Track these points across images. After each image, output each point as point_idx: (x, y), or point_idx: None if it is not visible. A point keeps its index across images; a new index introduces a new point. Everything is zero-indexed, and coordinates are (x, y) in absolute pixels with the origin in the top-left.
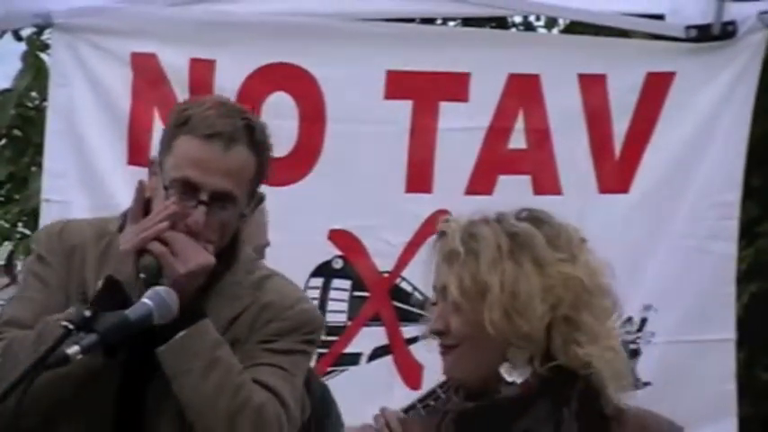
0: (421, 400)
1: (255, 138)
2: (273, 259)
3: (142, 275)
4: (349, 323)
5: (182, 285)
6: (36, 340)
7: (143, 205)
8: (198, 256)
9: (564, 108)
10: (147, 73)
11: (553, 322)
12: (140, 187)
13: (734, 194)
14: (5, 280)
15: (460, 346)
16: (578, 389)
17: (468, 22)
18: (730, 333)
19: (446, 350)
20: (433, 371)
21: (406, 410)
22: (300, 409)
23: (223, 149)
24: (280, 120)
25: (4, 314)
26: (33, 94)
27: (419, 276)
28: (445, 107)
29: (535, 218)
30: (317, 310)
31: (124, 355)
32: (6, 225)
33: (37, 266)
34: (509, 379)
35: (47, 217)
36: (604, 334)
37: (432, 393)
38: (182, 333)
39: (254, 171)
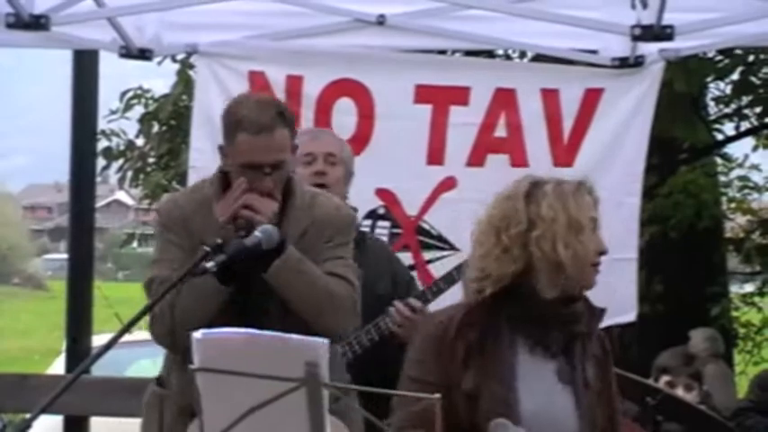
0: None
1: (286, 117)
2: None
3: (241, 233)
4: None
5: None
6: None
7: (221, 188)
8: (269, 207)
9: (531, 111)
10: (258, 84)
11: None
12: (214, 178)
13: (640, 167)
14: None
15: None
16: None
17: (468, 53)
18: (635, 254)
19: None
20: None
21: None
22: (357, 276)
23: (268, 137)
24: (344, 116)
25: (155, 276)
26: (184, 97)
27: (435, 219)
28: (453, 109)
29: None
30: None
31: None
32: (165, 182)
33: (166, 234)
34: None
35: (192, 178)
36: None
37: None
38: (277, 262)
39: (290, 138)
